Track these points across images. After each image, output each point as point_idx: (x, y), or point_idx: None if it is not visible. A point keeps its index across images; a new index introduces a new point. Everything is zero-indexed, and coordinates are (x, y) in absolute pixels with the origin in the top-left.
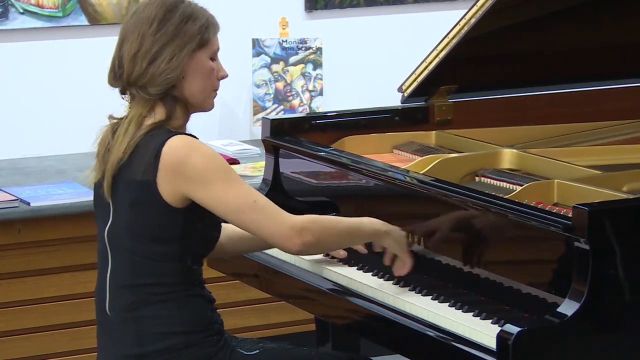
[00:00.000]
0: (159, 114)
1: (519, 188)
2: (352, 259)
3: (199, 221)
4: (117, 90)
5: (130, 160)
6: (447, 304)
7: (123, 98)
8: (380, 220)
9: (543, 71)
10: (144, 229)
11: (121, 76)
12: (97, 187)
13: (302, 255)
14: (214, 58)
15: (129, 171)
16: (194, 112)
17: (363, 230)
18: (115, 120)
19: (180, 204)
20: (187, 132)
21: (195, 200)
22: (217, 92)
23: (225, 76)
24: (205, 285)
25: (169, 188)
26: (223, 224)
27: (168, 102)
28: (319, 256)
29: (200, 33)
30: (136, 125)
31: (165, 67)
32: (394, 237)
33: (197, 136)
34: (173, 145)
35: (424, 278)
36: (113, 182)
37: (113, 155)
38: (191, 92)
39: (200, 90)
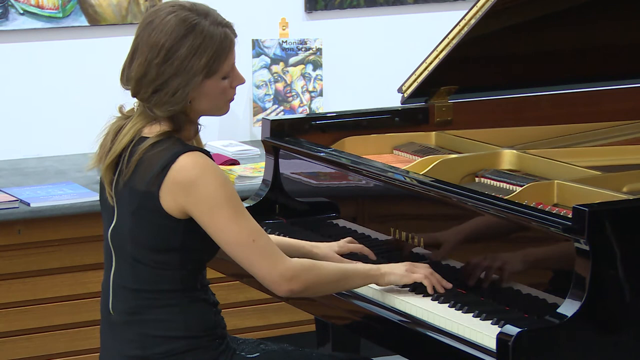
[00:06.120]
0: (165, 125)
1: (518, 189)
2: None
3: (200, 231)
4: (116, 91)
5: (136, 169)
6: (447, 304)
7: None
8: (379, 265)
9: (543, 72)
10: (145, 238)
11: (128, 88)
12: (102, 188)
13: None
14: (227, 75)
15: (134, 179)
16: (205, 115)
17: (357, 273)
18: (123, 115)
19: (182, 216)
20: (199, 147)
21: (196, 220)
22: (234, 97)
23: (242, 82)
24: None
25: (172, 202)
26: None
27: (174, 119)
28: None
29: (208, 66)
30: (137, 130)
31: (169, 99)
32: (396, 273)
33: (210, 152)
34: (184, 164)
35: None
36: (116, 185)
37: (110, 155)
38: (200, 110)
39: (210, 108)
